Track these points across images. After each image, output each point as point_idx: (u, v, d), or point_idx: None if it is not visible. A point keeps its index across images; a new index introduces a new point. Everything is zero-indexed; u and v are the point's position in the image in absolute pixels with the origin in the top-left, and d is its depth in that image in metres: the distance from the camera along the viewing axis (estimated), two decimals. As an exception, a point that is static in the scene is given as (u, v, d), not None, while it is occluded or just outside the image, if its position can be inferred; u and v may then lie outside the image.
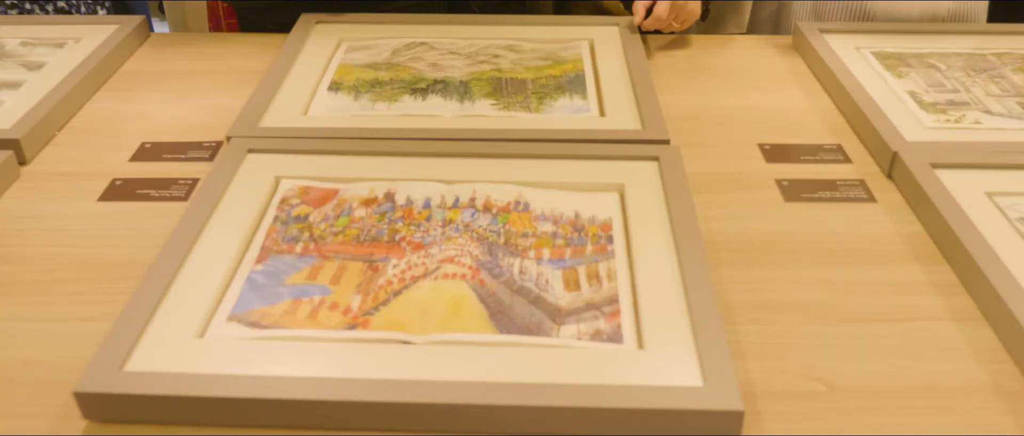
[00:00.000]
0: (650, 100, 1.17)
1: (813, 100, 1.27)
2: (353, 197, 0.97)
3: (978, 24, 1.57)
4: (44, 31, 1.40)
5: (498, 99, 1.19)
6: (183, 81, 1.30)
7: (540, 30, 1.41)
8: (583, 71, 1.28)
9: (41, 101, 1.16)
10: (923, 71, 1.29)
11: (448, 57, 1.32)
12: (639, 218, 0.93)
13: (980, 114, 1.17)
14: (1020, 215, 0.95)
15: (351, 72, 1.27)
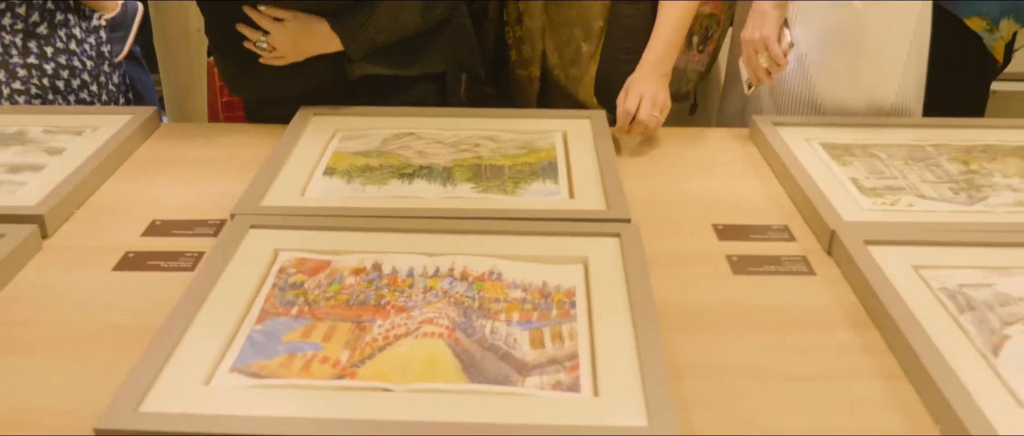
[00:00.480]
0: (615, 184, 1.29)
1: (765, 186, 1.39)
2: (344, 267, 1.08)
3: (919, 118, 1.71)
4: (64, 120, 1.53)
5: (478, 183, 1.31)
6: (190, 167, 1.42)
7: (518, 122, 1.55)
8: (556, 159, 1.40)
9: (62, 182, 1.28)
10: (866, 160, 1.42)
11: (433, 146, 1.45)
12: (600, 287, 1.04)
13: (914, 198, 1.29)
14: (941, 285, 1.06)
15: (345, 159, 1.40)
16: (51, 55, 1.68)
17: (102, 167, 1.36)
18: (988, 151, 1.46)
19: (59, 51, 1.69)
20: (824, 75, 1.67)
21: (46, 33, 1.68)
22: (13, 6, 1.65)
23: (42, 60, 1.67)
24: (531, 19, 1.64)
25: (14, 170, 1.34)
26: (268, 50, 1.48)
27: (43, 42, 1.67)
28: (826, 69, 1.66)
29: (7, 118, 1.53)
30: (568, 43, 1.65)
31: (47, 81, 1.67)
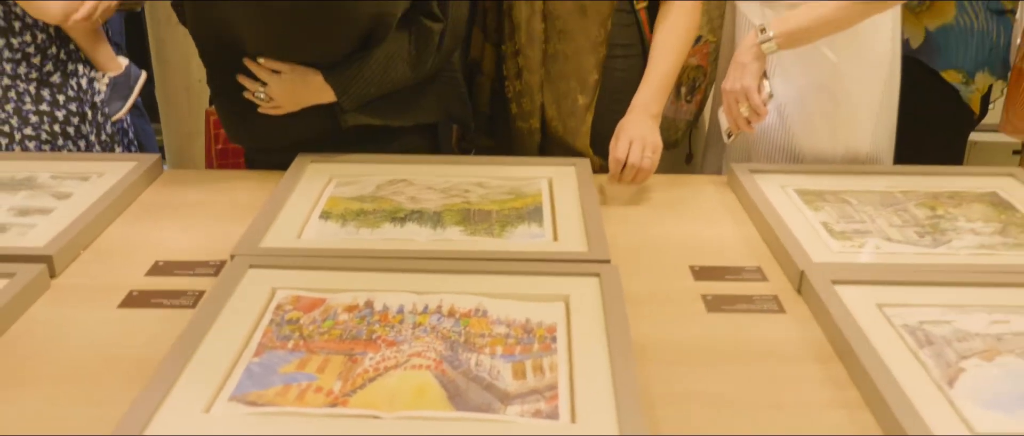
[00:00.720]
0: (597, 228, 1.35)
1: (741, 229, 1.46)
2: (338, 304, 1.14)
3: (890, 166, 1.78)
4: (71, 167, 1.60)
5: (466, 227, 1.38)
6: (192, 210, 1.49)
7: (506, 169, 1.62)
8: (542, 204, 1.47)
9: (69, 225, 1.35)
10: (837, 205, 1.49)
11: (425, 191, 1.51)
12: (579, 323, 1.10)
13: (881, 241, 1.36)
14: (903, 322, 1.12)
15: (340, 204, 1.46)
16: (62, 103, 1.76)
17: (108, 211, 1.43)
18: (955, 197, 1.53)
19: (70, 99, 1.77)
20: (801, 125, 1.74)
21: (59, 82, 1.76)
22: (29, 56, 1.74)
23: (54, 107, 1.75)
24: (530, 74, 1.70)
25: (23, 213, 1.41)
26: (266, 100, 1.56)
27: (56, 90, 1.76)
28: (803, 119, 1.74)
29: (17, 164, 1.60)
30: (566, 96, 1.72)
31: (58, 127, 1.75)
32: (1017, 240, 1.37)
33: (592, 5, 1.65)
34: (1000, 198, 1.54)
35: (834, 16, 1.59)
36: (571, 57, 1.69)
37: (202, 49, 1.58)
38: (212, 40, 1.55)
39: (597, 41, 1.68)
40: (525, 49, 1.69)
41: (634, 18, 1.72)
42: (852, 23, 1.62)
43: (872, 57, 1.73)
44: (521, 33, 1.68)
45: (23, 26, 1.73)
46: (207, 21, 1.51)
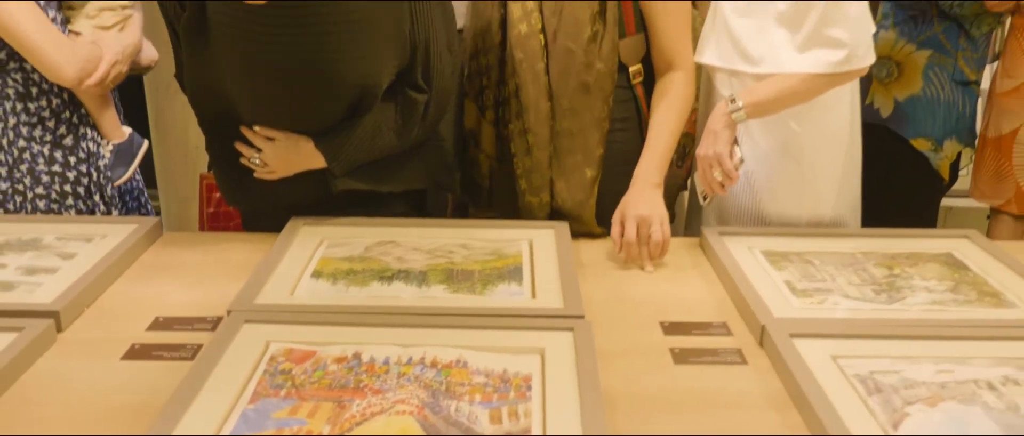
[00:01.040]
0: (572, 286, 1.44)
1: (709, 288, 1.55)
2: (328, 356, 1.22)
3: (853, 229, 1.88)
4: (75, 229, 1.68)
5: (450, 285, 1.46)
6: (190, 270, 1.57)
7: (489, 232, 1.71)
8: (522, 264, 1.56)
9: (75, 283, 1.43)
10: (801, 265, 1.58)
11: (411, 252, 1.60)
12: (553, 373, 1.18)
13: (839, 298, 1.45)
14: (855, 372, 1.20)
15: (331, 263, 1.55)
16: (74, 164, 1.86)
17: (111, 270, 1.51)
18: (912, 258, 1.62)
19: (81, 160, 1.87)
20: (768, 190, 1.84)
21: (71, 145, 1.87)
22: (44, 120, 1.84)
23: (65, 168, 1.85)
24: (540, 151, 1.77)
25: (31, 272, 1.49)
26: (261, 166, 1.65)
27: (67, 152, 1.86)
28: (770, 184, 1.84)
29: (23, 226, 1.69)
30: (574, 170, 1.79)
31: (68, 187, 1.85)
32: (967, 297, 1.46)
33: (596, 84, 1.73)
34: (955, 259, 1.63)
35: (798, 88, 1.70)
36: (577, 134, 1.77)
37: (201, 118, 1.68)
38: (211, 110, 1.65)
39: (601, 117, 1.76)
40: (534, 128, 1.76)
41: (631, 93, 1.82)
42: (815, 95, 1.73)
43: (833, 127, 1.83)
44: (530, 114, 1.76)
45: (40, 92, 1.84)
46: (206, 92, 1.62)
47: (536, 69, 1.74)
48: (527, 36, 1.74)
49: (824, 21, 1.66)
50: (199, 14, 1.52)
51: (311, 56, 1.50)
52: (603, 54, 1.73)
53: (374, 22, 1.51)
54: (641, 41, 1.79)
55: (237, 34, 1.49)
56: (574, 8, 1.71)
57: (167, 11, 1.57)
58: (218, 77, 1.57)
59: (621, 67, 1.78)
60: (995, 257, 1.63)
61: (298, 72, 1.52)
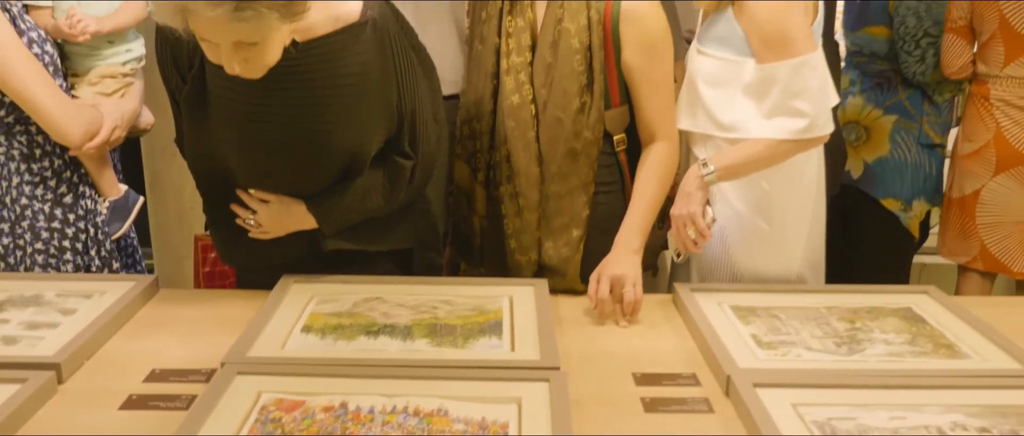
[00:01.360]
0: (549, 339, 1.52)
1: (681, 341, 1.62)
2: (316, 405, 1.29)
3: (819, 285, 1.96)
4: (75, 286, 1.75)
5: (433, 339, 1.54)
6: (186, 325, 1.64)
7: (472, 289, 1.79)
8: (502, 319, 1.63)
9: (75, 337, 1.50)
10: (767, 319, 1.66)
11: (397, 308, 1.68)
12: (529, 420, 1.25)
13: (802, 350, 1.53)
14: (813, 419, 1.28)
15: (320, 319, 1.62)
16: (73, 221, 1.95)
17: (110, 325, 1.58)
18: (873, 312, 1.71)
19: (79, 217, 1.96)
20: (741, 246, 1.93)
21: (70, 202, 1.95)
22: (46, 180, 1.93)
23: (65, 225, 1.93)
24: (530, 213, 1.88)
25: (33, 327, 1.56)
26: (256, 226, 1.73)
27: (67, 210, 1.94)
28: (743, 241, 1.93)
29: (25, 284, 1.76)
30: (561, 231, 1.89)
31: (67, 243, 1.93)
32: (923, 349, 1.54)
33: (583, 151, 1.84)
34: (914, 313, 1.71)
35: (764, 154, 1.81)
36: (565, 196, 1.87)
37: (199, 181, 1.77)
38: (209, 174, 1.74)
39: (587, 181, 1.87)
40: (525, 191, 1.87)
41: (615, 159, 1.92)
42: (781, 160, 1.83)
43: (801, 187, 1.93)
44: (520, 178, 1.86)
45: (43, 153, 1.93)
46: (205, 158, 1.71)
47: (527, 137, 1.85)
48: (519, 106, 1.84)
49: (787, 92, 1.77)
50: (199, 87, 1.61)
51: (304, 126, 1.60)
52: (590, 123, 1.83)
53: (364, 94, 1.61)
54: (625, 112, 1.90)
55: (234, 106, 1.59)
56: (563, 81, 1.81)
57: (169, 82, 1.67)
58: (216, 145, 1.66)
59: (606, 135, 1.88)
60: (952, 312, 1.71)
61: (292, 141, 1.62)
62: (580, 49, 1.81)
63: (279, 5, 1.37)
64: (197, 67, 1.61)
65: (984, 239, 2.66)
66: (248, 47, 1.43)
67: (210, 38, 1.42)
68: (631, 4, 1.80)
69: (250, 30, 1.38)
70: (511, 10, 1.87)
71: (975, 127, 2.64)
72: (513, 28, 1.86)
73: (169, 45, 1.62)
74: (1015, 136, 2.55)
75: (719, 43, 1.84)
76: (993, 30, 2.54)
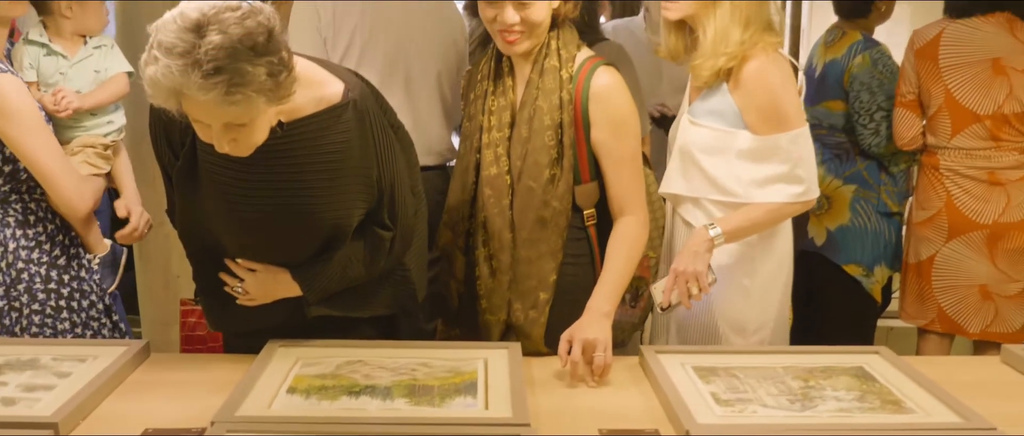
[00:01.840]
0: (521, 399, 1.61)
1: (645, 400, 1.72)
2: (300, 460, 1.37)
3: (778, 347, 2.08)
4: (69, 350, 1.84)
5: (411, 399, 1.63)
6: (176, 387, 1.73)
7: (449, 352, 1.88)
8: (477, 380, 1.73)
9: (71, 398, 1.58)
10: (727, 379, 1.76)
11: (378, 370, 1.77)
12: (500, 473, 1.34)
13: (758, 407, 1.63)
14: (765, 471, 1.38)
15: (305, 380, 1.71)
16: (67, 281, 2.04)
17: (103, 386, 1.66)
18: (827, 371, 1.81)
19: (73, 278, 2.06)
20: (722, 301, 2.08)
21: (64, 264, 2.05)
22: (41, 244, 2.03)
23: (60, 286, 2.03)
24: (502, 274, 2.01)
25: (30, 389, 1.64)
26: (243, 294, 1.83)
27: (62, 271, 2.04)
28: (724, 297, 2.07)
29: (22, 348, 1.84)
30: (529, 293, 2.01)
31: (63, 302, 2.02)
32: (871, 405, 1.65)
33: (552, 220, 1.98)
34: (865, 372, 1.82)
35: (768, 218, 2.01)
36: (534, 261, 2.00)
37: (189, 250, 1.87)
38: (199, 244, 1.84)
39: (555, 248, 2.00)
40: (497, 254, 2.01)
41: (585, 234, 2.06)
42: (778, 222, 2.04)
43: (777, 247, 2.10)
44: (494, 241, 2.01)
45: (37, 219, 2.04)
46: (195, 229, 1.82)
47: (502, 204, 1.99)
48: (496, 176, 2.00)
49: (787, 161, 1.96)
50: (190, 163, 1.73)
51: (289, 200, 1.72)
52: (558, 194, 1.97)
53: (345, 170, 1.73)
54: (595, 188, 2.03)
55: (223, 181, 1.71)
56: (536, 154, 1.96)
57: (161, 158, 1.78)
58: (206, 217, 1.77)
59: (577, 209, 2.02)
60: (901, 370, 1.82)
61: (278, 214, 1.73)
62: (552, 125, 1.95)
63: (266, 90, 1.49)
64: (189, 145, 1.72)
65: (940, 302, 2.79)
66: (237, 128, 1.54)
67: (202, 119, 1.53)
68: (599, 85, 1.95)
69: (239, 113, 1.49)
70: (494, 91, 2.04)
71: (928, 196, 2.79)
72: (495, 107, 2.02)
73: (162, 124, 1.72)
74: (965, 204, 2.70)
75: (713, 116, 2.01)
76: (939, 104, 2.70)
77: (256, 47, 1.46)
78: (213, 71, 1.42)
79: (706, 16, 1.96)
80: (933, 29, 2.73)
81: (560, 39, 1.97)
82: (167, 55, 1.43)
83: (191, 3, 1.47)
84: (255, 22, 1.47)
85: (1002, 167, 2.67)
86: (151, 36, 1.47)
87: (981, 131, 2.67)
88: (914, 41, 2.77)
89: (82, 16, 2.23)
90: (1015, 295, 2.72)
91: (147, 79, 1.46)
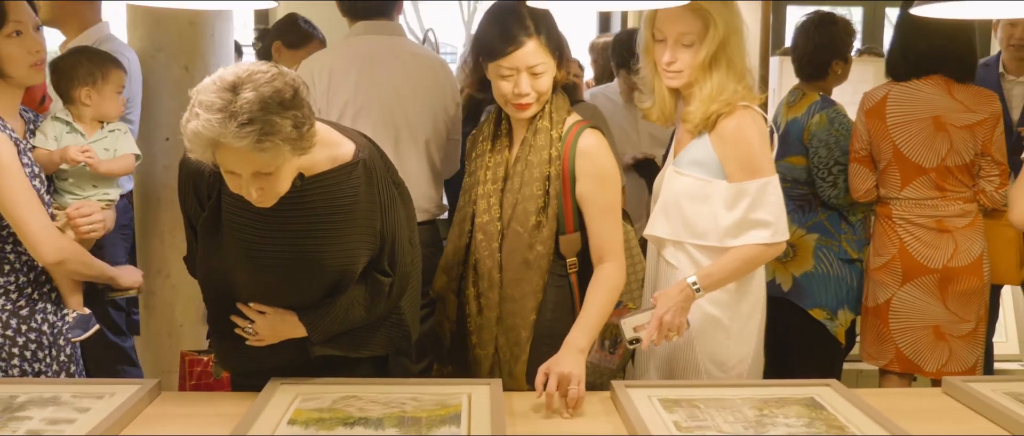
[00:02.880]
0: (500, 426, 1.79)
1: (614, 428, 1.90)
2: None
3: (737, 380, 2.25)
4: (87, 389, 2.00)
5: (400, 428, 1.80)
6: (187, 420, 1.90)
7: (436, 388, 2.05)
8: (461, 411, 1.90)
9: (92, 429, 1.75)
10: (688, 409, 1.94)
11: (370, 404, 1.94)
12: (480, 488, 1.51)
13: (715, 432, 1.80)
14: (716, 485, 1.55)
15: (304, 414, 1.88)
16: (24, 331, 2.22)
17: (121, 420, 1.83)
18: (780, 402, 1.99)
19: (32, 329, 2.23)
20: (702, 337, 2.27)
21: (26, 314, 2.22)
22: (8, 292, 2.21)
23: (16, 334, 2.20)
24: (490, 311, 2.22)
25: (53, 422, 1.81)
26: (253, 334, 2.01)
27: (21, 321, 2.21)
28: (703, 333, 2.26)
29: (43, 387, 2.01)
30: (512, 330, 2.21)
31: (17, 350, 2.19)
32: (818, 431, 1.82)
33: (535, 262, 2.19)
34: (816, 402, 2.00)
35: (741, 267, 2.21)
36: (518, 300, 2.21)
37: (206, 295, 2.06)
38: (216, 289, 2.03)
39: (537, 288, 2.21)
40: (486, 293, 2.22)
41: (567, 281, 2.26)
42: (753, 269, 2.23)
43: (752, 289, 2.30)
44: (483, 281, 2.22)
45: (11, 269, 2.22)
46: (214, 275, 2.01)
47: (492, 247, 2.21)
48: (488, 222, 2.22)
49: (753, 206, 2.16)
50: (215, 213, 1.94)
51: (303, 248, 1.92)
52: (543, 238, 2.18)
53: (353, 222, 1.94)
54: (578, 238, 2.24)
55: (244, 230, 1.90)
56: (525, 203, 2.19)
57: (188, 209, 1.99)
58: (225, 263, 1.96)
59: (560, 257, 2.22)
60: (849, 401, 2.00)
61: (292, 261, 1.93)
62: (540, 178, 2.18)
63: (292, 139, 1.70)
64: (215, 197, 1.92)
65: (898, 343, 2.97)
66: (264, 177, 1.75)
67: (234, 169, 1.75)
68: (586, 145, 2.20)
69: (268, 160, 1.71)
70: (491, 149, 2.28)
71: (883, 243, 2.99)
72: (491, 163, 2.26)
73: (192, 179, 1.94)
74: (916, 250, 2.89)
75: (696, 166, 2.23)
76: (889, 158, 2.92)
77: (284, 102, 1.69)
78: (247, 121, 1.64)
79: (704, 78, 2.18)
80: (880, 91, 2.96)
81: (553, 103, 2.22)
82: (207, 110, 1.65)
83: (227, 68, 1.71)
84: (282, 82, 1.71)
85: (949, 215, 2.87)
86: (192, 98, 1.69)
87: (927, 183, 2.88)
88: (864, 102, 2.99)
89: (100, 104, 2.53)
90: (966, 335, 2.91)
91: (189, 134, 1.68)
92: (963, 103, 2.85)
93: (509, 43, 2.13)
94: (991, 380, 2.18)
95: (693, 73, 2.20)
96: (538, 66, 2.14)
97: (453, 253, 2.30)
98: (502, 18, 2.16)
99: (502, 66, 2.14)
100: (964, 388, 2.08)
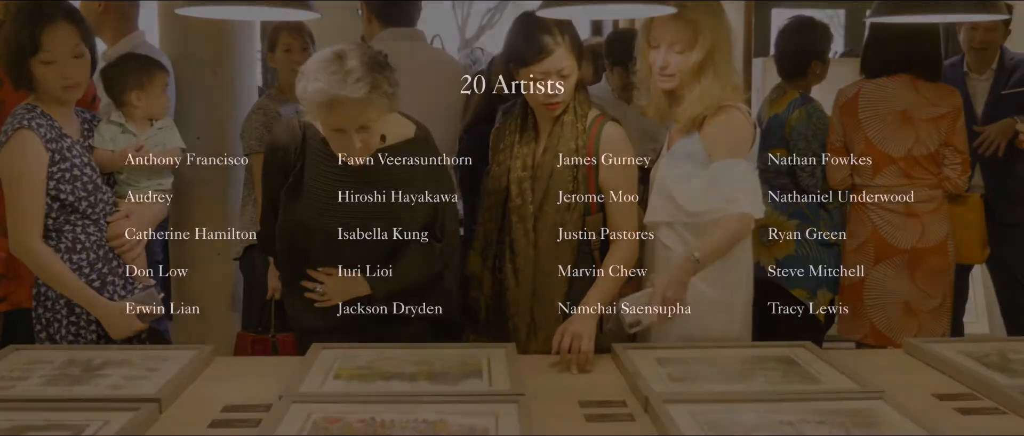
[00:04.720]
0: (517, 377, 2.06)
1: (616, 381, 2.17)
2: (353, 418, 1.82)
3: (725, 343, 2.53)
4: (152, 353, 2.28)
5: (432, 380, 2.08)
6: (243, 379, 2.17)
7: (459, 351, 2.33)
8: (482, 368, 2.18)
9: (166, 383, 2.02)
10: (679, 365, 2.22)
11: (403, 364, 2.21)
12: (504, 427, 1.79)
13: (702, 381, 2.08)
14: (706, 419, 1.83)
15: (346, 371, 2.15)
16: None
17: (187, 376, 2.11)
18: (760, 359, 2.27)
19: None
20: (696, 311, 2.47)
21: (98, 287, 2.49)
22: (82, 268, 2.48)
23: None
24: (526, 284, 2.50)
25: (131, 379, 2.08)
26: (320, 294, 2.33)
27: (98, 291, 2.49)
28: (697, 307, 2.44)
29: (113, 353, 2.29)
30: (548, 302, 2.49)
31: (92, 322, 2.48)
32: (791, 381, 2.11)
33: (565, 239, 2.48)
34: (790, 359, 2.28)
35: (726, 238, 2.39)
36: (551, 273, 2.50)
37: (282, 258, 2.42)
38: (290, 254, 2.37)
39: (566, 263, 2.50)
40: (523, 268, 2.51)
41: (591, 259, 2.55)
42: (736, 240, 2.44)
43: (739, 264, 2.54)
44: (519, 257, 2.50)
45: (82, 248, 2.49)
46: (291, 235, 2.34)
47: (526, 226, 2.51)
48: (521, 206, 2.52)
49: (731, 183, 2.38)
50: (298, 181, 2.30)
51: (373, 215, 2.28)
52: (572, 218, 2.49)
53: (418, 191, 2.31)
54: (600, 218, 2.54)
55: (322, 198, 2.27)
56: (555, 188, 2.49)
57: (272, 183, 2.34)
58: (302, 227, 2.31)
59: (586, 238, 2.52)
60: (820, 357, 2.28)
61: (362, 226, 2.28)
62: (568, 166, 2.48)
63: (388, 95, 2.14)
64: (298, 168, 2.29)
65: (872, 318, 3.25)
66: (365, 130, 2.15)
67: (342, 125, 2.14)
68: (607, 134, 2.50)
69: (373, 113, 2.13)
70: (520, 141, 2.57)
71: (857, 226, 3.28)
72: (520, 154, 2.56)
73: (278, 156, 2.33)
74: (887, 233, 3.18)
75: (687, 158, 2.49)
76: (861, 149, 3.20)
77: (382, 63, 2.15)
78: (359, 78, 2.09)
79: (694, 82, 2.45)
80: (853, 88, 3.25)
81: (576, 99, 2.52)
82: (324, 73, 2.09)
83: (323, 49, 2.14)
84: (373, 52, 2.14)
85: (916, 200, 3.15)
86: (301, 76, 2.13)
87: (896, 171, 3.16)
88: (838, 98, 3.28)
89: (148, 104, 2.79)
90: (934, 309, 3.19)
91: (309, 97, 2.10)
92: (928, 98, 3.14)
93: (539, 51, 2.40)
94: (946, 342, 2.48)
95: (684, 77, 2.47)
96: (565, 69, 2.42)
97: (485, 235, 2.60)
98: (530, 29, 2.42)
99: (534, 72, 2.42)
100: (923, 348, 2.36)
